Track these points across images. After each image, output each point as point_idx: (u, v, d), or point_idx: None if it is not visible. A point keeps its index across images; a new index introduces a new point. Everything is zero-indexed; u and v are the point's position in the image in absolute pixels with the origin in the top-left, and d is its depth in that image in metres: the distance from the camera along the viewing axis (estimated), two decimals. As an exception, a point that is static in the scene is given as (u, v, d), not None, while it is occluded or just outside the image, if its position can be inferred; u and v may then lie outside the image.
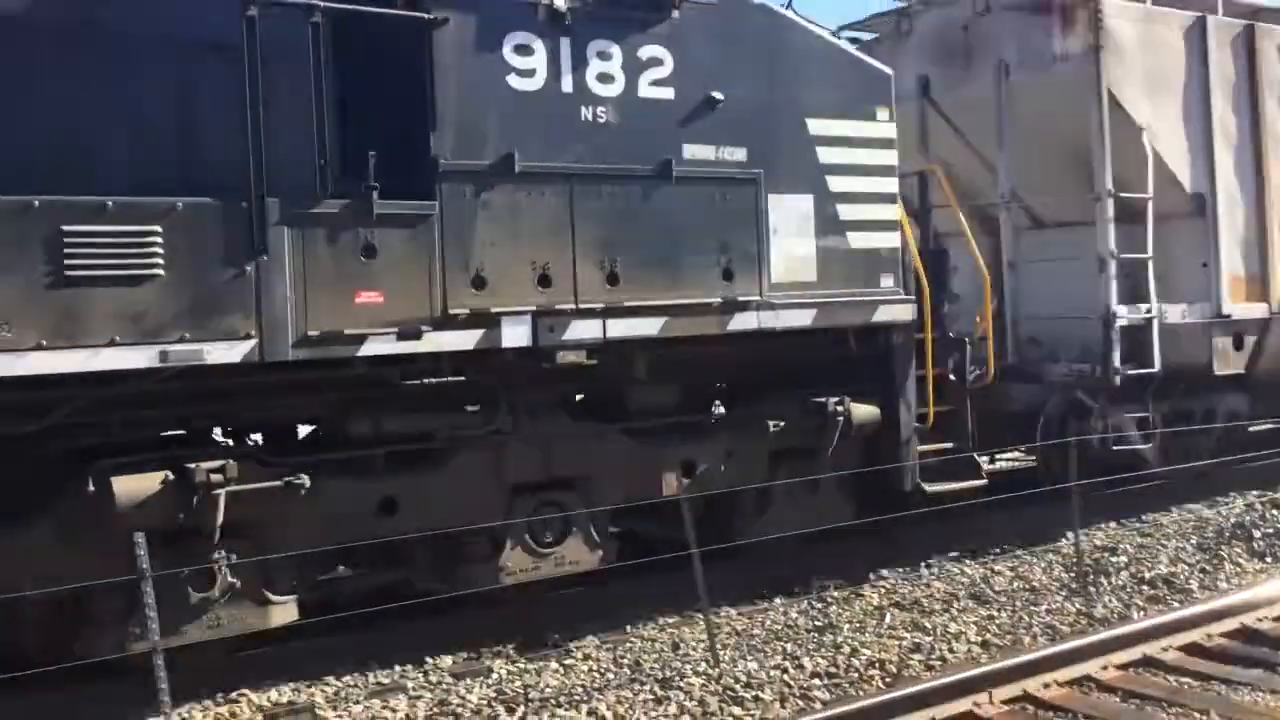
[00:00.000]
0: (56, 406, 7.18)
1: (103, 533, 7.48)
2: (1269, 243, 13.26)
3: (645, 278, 8.66)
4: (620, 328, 8.55)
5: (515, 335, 8.06)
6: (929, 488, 10.42)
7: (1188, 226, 12.79)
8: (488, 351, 8.13)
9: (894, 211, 10.07)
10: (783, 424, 9.66)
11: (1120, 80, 12.14)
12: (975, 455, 10.87)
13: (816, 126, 9.40)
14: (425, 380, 8.57)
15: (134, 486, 7.46)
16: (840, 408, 9.66)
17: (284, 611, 8.13)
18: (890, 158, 9.97)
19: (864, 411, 9.92)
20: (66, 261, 6.65)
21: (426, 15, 7.83)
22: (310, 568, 8.44)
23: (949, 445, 10.71)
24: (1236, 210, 13.12)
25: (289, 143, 7.41)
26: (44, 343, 6.63)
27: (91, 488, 7.46)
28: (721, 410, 9.99)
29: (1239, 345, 13.09)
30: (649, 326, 8.65)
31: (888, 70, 10.17)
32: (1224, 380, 13.16)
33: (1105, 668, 7.74)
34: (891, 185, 9.98)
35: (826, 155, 9.47)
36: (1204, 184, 12.80)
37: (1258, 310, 13.22)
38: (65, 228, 6.68)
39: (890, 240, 9.90)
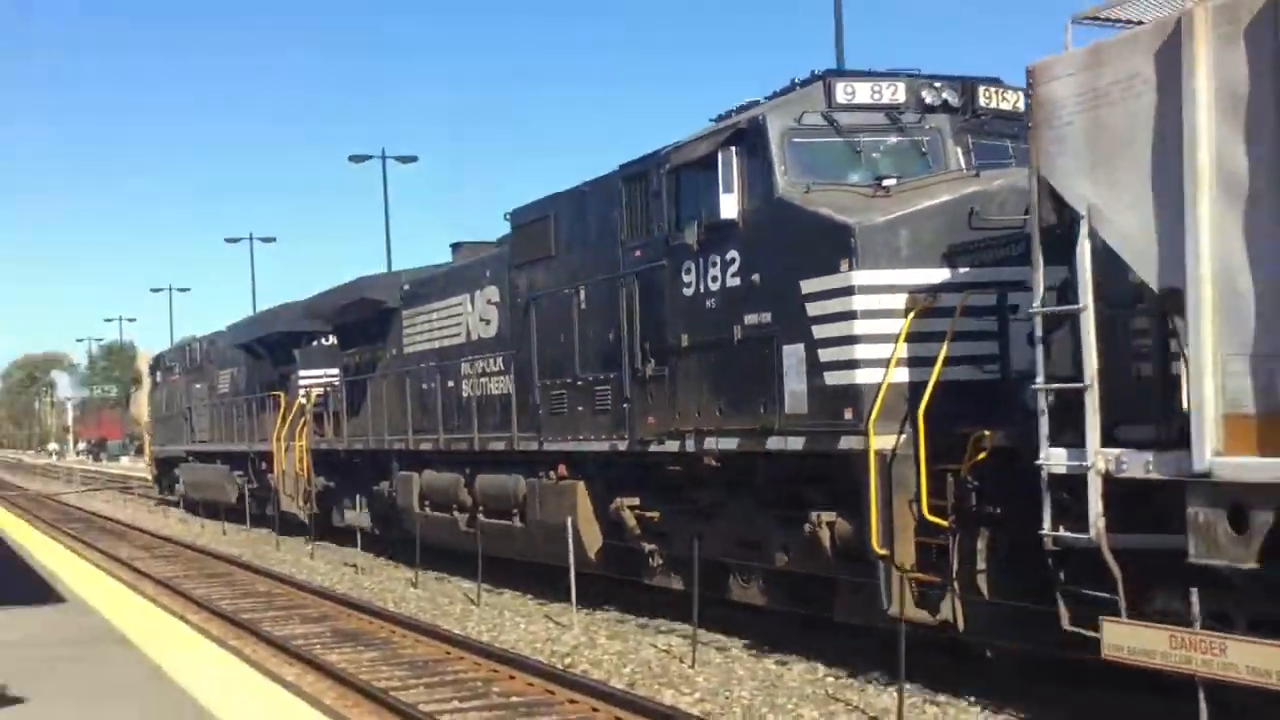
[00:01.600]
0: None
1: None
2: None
3: (728, 411, 13.10)
4: (721, 443, 13.21)
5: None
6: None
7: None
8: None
9: (857, 351, 11.50)
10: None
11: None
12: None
13: (806, 286, 11.96)
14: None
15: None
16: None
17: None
18: (850, 304, 11.57)
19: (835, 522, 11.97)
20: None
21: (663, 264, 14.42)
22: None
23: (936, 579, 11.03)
24: (1240, 303, 7.95)
25: (630, 336, 15.02)
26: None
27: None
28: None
29: (1240, 524, 7.88)
30: (729, 442, 13.10)
31: (850, 222, 11.67)
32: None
33: None
34: (850, 329, 11.58)
35: (811, 309, 11.90)
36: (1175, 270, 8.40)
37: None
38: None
39: (850, 378, 11.53)
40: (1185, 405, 8.73)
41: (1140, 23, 9.64)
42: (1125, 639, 8.66)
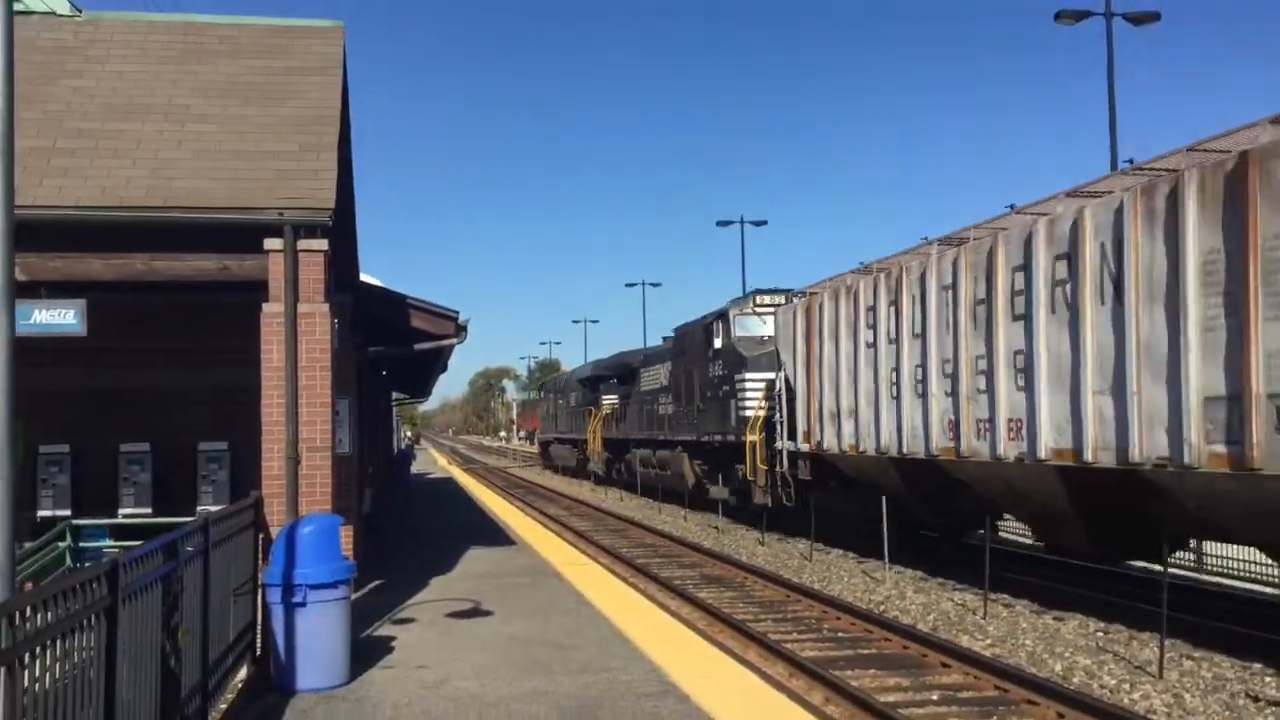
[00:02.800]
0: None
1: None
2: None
3: (718, 425, 24.32)
4: (718, 438, 24.66)
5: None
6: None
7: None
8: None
9: (748, 404, 22.76)
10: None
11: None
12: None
13: (736, 377, 23.50)
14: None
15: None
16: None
17: None
18: (746, 385, 23.13)
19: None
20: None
21: (700, 364, 26.10)
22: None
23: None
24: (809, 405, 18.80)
25: (696, 392, 26.21)
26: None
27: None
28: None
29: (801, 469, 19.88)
30: (719, 438, 24.42)
31: (746, 355, 23.59)
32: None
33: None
34: (746, 394, 23.04)
35: (737, 385, 23.36)
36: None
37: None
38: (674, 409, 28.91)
39: (746, 413, 22.61)
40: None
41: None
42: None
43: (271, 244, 10.46)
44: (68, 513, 13.94)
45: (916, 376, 15.13)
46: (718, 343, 24.86)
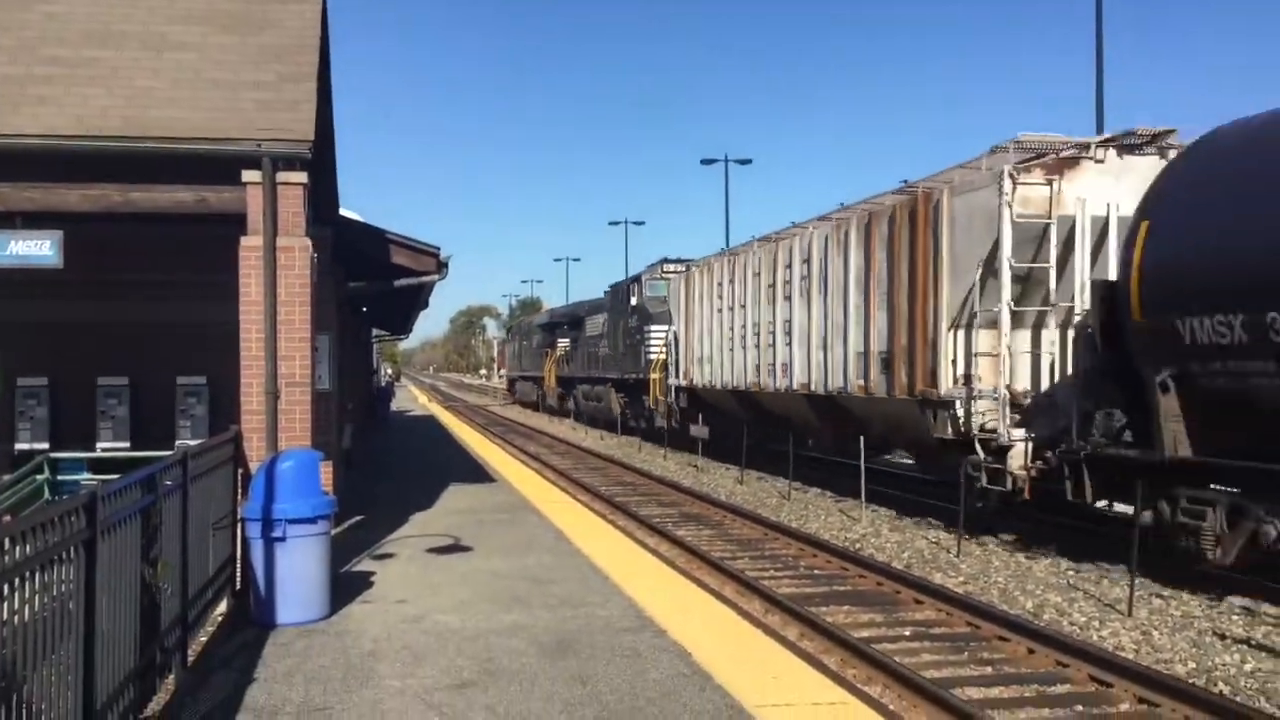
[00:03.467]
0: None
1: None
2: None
3: (633, 366, 30.99)
4: (631, 377, 31.88)
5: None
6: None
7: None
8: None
9: (651, 350, 29.85)
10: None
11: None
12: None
13: (644, 328, 30.40)
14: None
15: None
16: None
17: None
18: (650, 335, 30.11)
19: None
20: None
21: (624, 317, 33.16)
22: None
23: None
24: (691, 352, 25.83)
25: (621, 339, 33.69)
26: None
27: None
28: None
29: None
30: (634, 376, 31.35)
31: (652, 311, 30.02)
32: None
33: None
34: (649, 342, 29.98)
35: (645, 335, 30.37)
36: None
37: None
38: (606, 351, 36.14)
39: (649, 356, 29.73)
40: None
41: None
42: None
43: (250, 176, 10.33)
44: (45, 446, 13.90)
45: (741, 334, 21.93)
46: (633, 300, 31.81)
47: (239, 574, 8.67)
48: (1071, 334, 12.79)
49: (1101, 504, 12.53)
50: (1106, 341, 11.51)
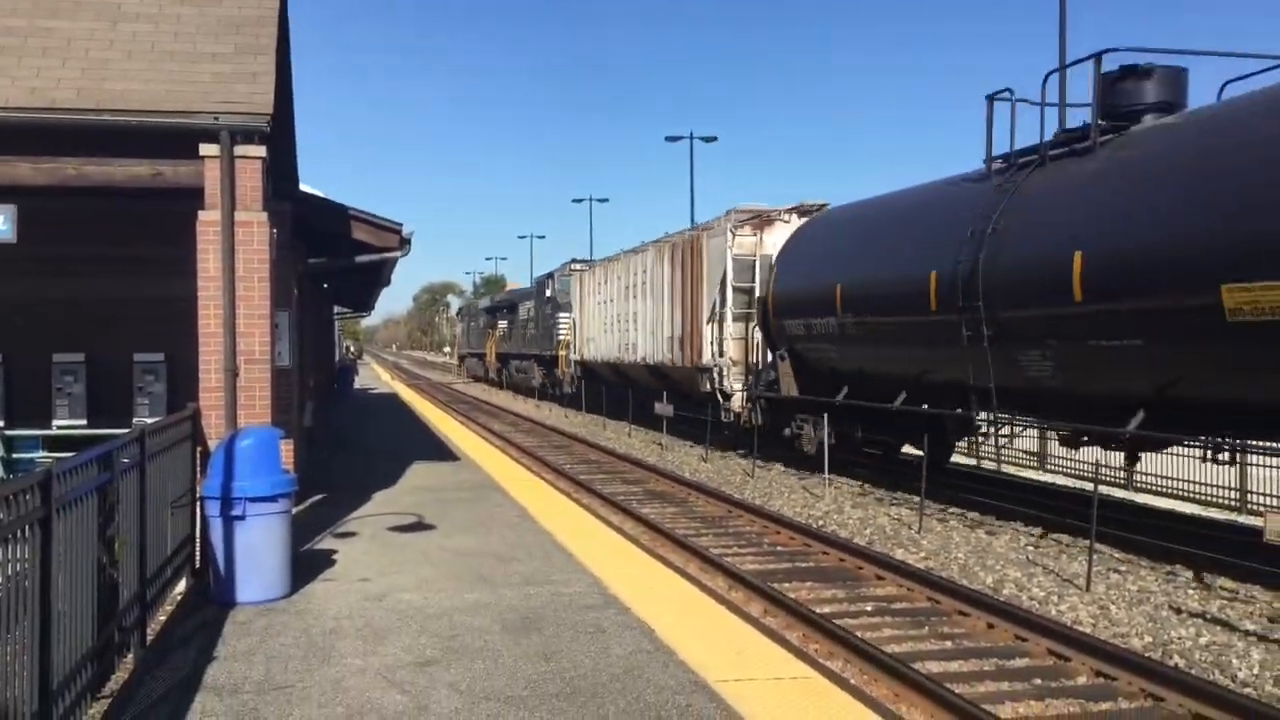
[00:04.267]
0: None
1: None
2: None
3: (549, 344, 40.20)
4: (547, 353, 40.99)
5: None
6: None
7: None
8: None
9: (561, 332, 37.96)
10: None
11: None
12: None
13: (557, 314, 38.95)
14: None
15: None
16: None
17: None
18: (560, 321, 38.48)
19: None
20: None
21: (543, 305, 42.29)
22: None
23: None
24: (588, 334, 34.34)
25: (544, 322, 42.17)
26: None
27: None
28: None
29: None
30: (548, 354, 40.73)
31: (562, 301, 38.09)
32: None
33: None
34: (560, 325, 38.61)
35: (556, 320, 38.86)
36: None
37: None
38: (531, 333, 45.38)
39: (560, 336, 38.17)
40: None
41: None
42: (1284, 529, 8.15)
43: (207, 149, 10.16)
44: (0, 423, 13.68)
45: (612, 322, 30.25)
46: (548, 292, 40.88)
47: (198, 552, 8.59)
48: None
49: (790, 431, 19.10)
50: (764, 331, 19.85)
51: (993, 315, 12.49)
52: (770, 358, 19.30)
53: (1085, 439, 12.67)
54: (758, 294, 20.40)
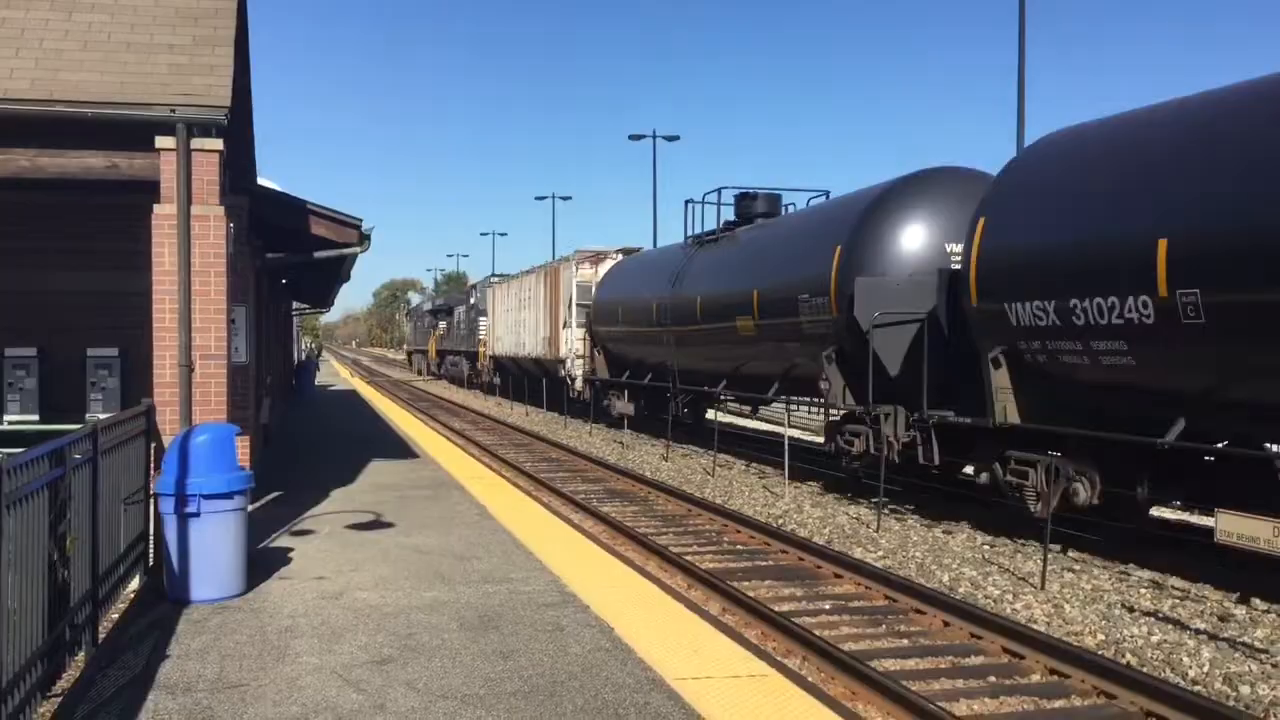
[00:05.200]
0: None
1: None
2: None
3: (472, 345, 49.93)
4: (470, 350, 51.90)
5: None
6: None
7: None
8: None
9: (481, 332, 46.77)
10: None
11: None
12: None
13: (478, 319, 48.98)
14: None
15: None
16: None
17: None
18: (480, 325, 47.62)
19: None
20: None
21: (462, 313, 53.38)
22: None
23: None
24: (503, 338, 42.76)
25: (472, 323, 50.51)
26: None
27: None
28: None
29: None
30: (473, 352, 50.15)
31: (484, 308, 46.76)
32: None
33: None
34: (483, 327, 46.83)
35: (478, 324, 48.16)
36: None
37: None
38: (459, 332, 55.58)
39: (482, 334, 46.77)
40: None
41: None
42: (1235, 527, 8.16)
43: (163, 142, 10.05)
44: (-51, 419, 13.46)
45: (512, 325, 39.04)
46: (473, 300, 49.90)
47: (152, 550, 8.49)
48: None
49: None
50: (589, 334, 29.18)
51: (682, 329, 21.57)
52: (593, 352, 28.61)
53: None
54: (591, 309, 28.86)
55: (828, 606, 9.55)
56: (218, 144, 10.24)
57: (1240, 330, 8.82)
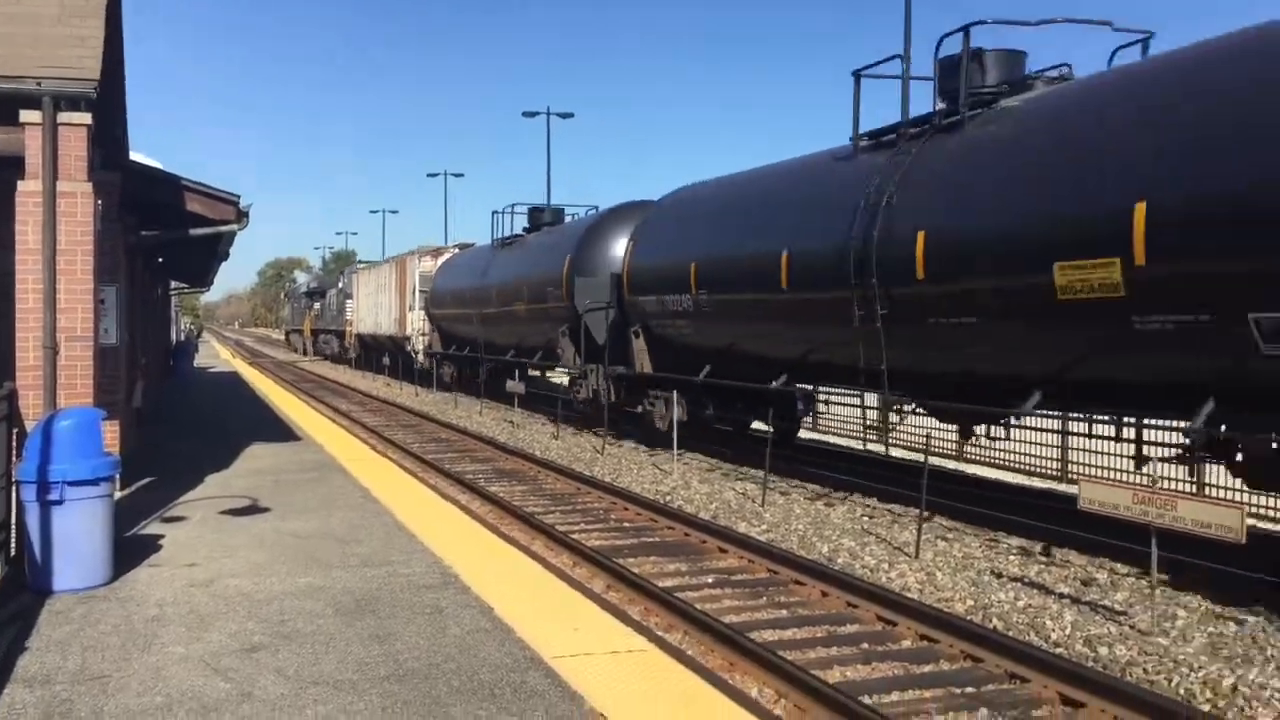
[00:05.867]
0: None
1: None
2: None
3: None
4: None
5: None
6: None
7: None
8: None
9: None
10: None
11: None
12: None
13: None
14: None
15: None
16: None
17: None
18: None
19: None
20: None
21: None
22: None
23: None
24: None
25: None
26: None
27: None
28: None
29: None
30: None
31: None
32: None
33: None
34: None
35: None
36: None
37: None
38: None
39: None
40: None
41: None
42: (1097, 495, 8.48)
43: (28, 116, 9.64)
44: None
45: (372, 308, 45.01)
46: (341, 284, 54.09)
47: (14, 539, 8.18)
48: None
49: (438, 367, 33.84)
50: (429, 318, 35.19)
51: (484, 311, 28.28)
52: (431, 330, 35.40)
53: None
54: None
55: (710, 580, 9.69)
56: (86, 118, 9.87)
57: (737, 315, 15.59)
